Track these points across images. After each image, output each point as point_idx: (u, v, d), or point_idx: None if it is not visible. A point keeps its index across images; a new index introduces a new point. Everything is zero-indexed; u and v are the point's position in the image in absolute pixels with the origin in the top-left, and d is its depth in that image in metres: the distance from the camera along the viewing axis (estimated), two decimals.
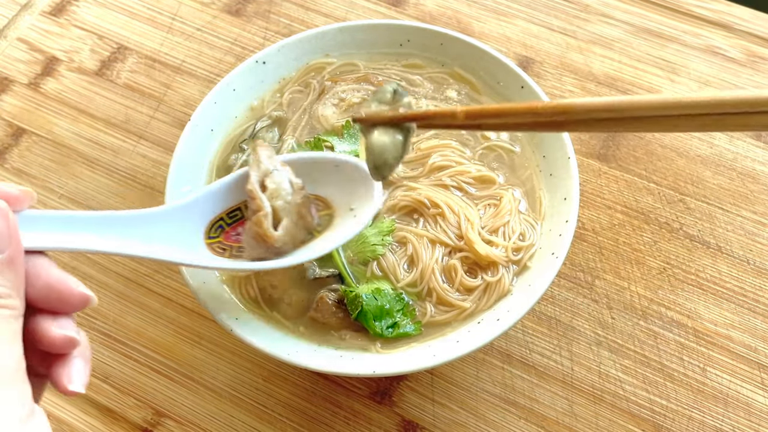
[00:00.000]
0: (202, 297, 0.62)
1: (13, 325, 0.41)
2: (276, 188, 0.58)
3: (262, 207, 0.57)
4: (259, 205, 0.57)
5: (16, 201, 0.45)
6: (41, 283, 0.44)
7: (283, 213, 0.58)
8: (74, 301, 0.45)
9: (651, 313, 0.71)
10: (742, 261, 0.73)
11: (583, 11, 0.91)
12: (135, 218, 0.53)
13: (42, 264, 0.45)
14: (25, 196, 0.46)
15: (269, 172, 0.59)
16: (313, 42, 0.77)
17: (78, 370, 0.45)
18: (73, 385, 0.44)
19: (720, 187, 0.78)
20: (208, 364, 0.71)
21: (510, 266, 0.66)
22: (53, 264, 0.45)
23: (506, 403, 0.68)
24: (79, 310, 0.45)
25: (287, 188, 0.59)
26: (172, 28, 0.92)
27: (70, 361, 0.45)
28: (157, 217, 0.55)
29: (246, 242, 0.58)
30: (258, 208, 0.57)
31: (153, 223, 0.54)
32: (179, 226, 0.57)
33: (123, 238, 0.52)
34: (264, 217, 0.57)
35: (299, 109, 0.75)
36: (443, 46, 0.76)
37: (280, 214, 0.58)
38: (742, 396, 0.67)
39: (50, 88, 0.88)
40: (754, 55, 0.86)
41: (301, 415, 0.68)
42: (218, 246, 0.58)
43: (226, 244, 0.59)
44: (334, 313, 0.64)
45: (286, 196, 0.58)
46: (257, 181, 0.58)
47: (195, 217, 0.58)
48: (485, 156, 0.72)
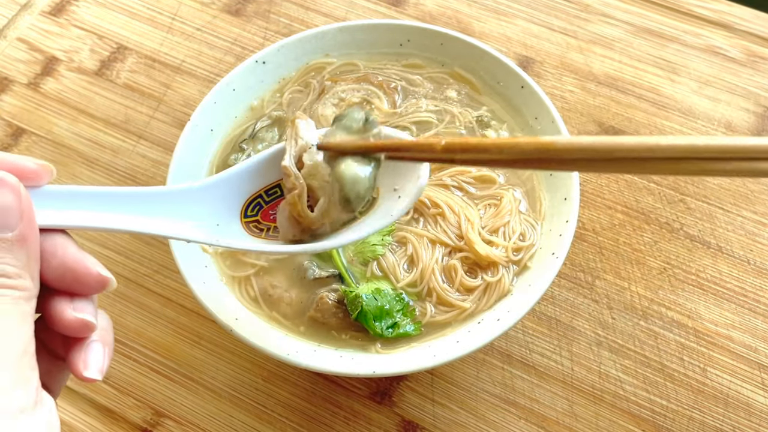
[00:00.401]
0: (201, 297, 0.62)
1: (23, 306, 0.39)
2: (314, 165, 0.52)
3: (297, 185, 0.52)
4: (294, 183, 0.52)
5: (34, 176, 0.43)
6: (56, 262, 0.42)
7: (320, 192, 0.53)
8: (91, 282, 0.42)
9: (651, 313, 0.71)
10: (743, 261, 0.73)
11: (583, 11, 0.91)
12: (165, 195, 0.50)
13: (59, 242, 0.42)
14: (43, 171, 0.43)
15: (307, 147, 0.53)
16: (313, 42, 0.77)
17: (95, 356, 0.43)
18: (89, 371, 0.42)
19: (720, 187, 0.78)
20: (208, 364, 0.71)
21: (510, 266, 0.66)
22: (71, 242, 0.43)
23: (506, 403, 0.67)
24: (97, 292, 0.43)
25: (326, 166, 0.53)
26: (172, 27, 0.92)
27: (88, 346, 0.43)
28: (190, 194, 0.51)
29: (280, 223, 0.54)
30: (293, 186, 0.52)
31: (185, 201, 0.51)
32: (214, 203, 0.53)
33: (152, 217, 0.48)
34: (298, 196, 0.52)
35: (299, 108, 0.75)
36: (443, 46, 0.76)
37: (318, 194, 0.53)
38: (743, 396, 0.67)
39: (50, 88, 0.88)
40: (754, 55, 0.86)
41: (300, 416, 0.68)
42: (255, 225, 0.54)
43: (264, 223, 0.55)
44: (334, 313, 0.64)
45: (324, 174, 0.53)
46: (293, 156, 0.53)
47: (230, 195, 0.54)
48: None
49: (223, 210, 0.53)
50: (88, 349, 0.43)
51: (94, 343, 0.43)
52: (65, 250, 0.42)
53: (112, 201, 0.47)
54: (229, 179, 0.54)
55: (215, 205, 0.53)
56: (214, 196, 0.53)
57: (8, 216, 0.39)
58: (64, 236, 0.43)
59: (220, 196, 0.53)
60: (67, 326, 0.42)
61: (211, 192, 0.53)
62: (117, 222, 0.46)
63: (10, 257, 0.39)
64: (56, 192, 0.44)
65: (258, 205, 0.55)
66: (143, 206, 0.48)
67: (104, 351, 0.43)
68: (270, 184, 0.56)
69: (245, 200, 0.55)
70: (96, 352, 0.43)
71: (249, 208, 0.55)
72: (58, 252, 0.42)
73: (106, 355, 0.44)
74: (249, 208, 0.55)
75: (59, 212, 0.44)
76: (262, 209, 0.55)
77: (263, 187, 0.55)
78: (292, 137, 0.54)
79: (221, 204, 0.53)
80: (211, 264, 0.67)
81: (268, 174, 0.55)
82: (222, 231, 0.52)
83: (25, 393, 0.37)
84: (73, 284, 0.42)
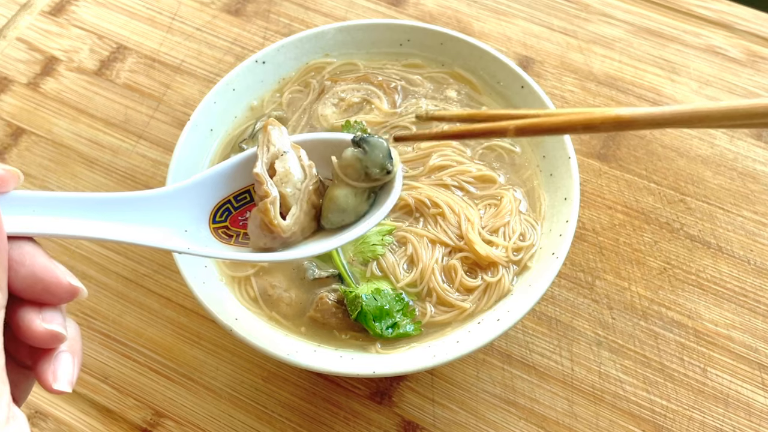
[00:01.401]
0: (201, 297, 0.61)
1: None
2: (285, 172, 0.53)
3: (269, 193, 0.52)
4: (266, 190, 0.52)
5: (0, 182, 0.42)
6: (25, 271, 0.40)
7: (292, 200, 0.53)
8: (61, 293, 0.41)
9: (651, 313, 0.71)
10: (743, 261, 0.73)
11: (583, 11, 0.90)
12: (133, 200, 0.49)
13: (27, 251, 0.41)
14: (10, 176, 0.42)
15: (279, 154, 0.53)
16: (313, 42, 0.77)
17: (64, 367, 0.41)
18: (58, 384, 0.41)
19: (720, 187, 0.78)
20: (208, 365, 0.71)
21: (510, 266, 0.66)
22: (40, 251, 0.42)
23: (506, 403, 0.67)
24: (66, 302, 0.42)
25: (298, 173, 0.53)
26: (172, 27, 0.92)
27: (57, 357, 0.41)
28: (158, 199, 0.51)
29: (251, 230, 0.53)
30: (265, 194, 0.52)
31: (153, 206, 0.50)
32: (182, 209, 0.52)
33: (119, 223, 0.47)
34: (271, 203, 0.52)
35: (299, 108, 0.75)
36: (443, 45, 0.76)
37: (289, 201, 0.53)
38: (743, 396, 0.67)
39: (49, 87, 0.88)
40: (754, 55, 0.86)
41: (300, 416, 0.68)
42: (224, 231, 0.54)
43: (232, 229, 0.54)
44: (333, 313, 0.64)
45: (296, 181, 0.53)
46: (264, 163, 0.53)
47: (200, 200, 0.53)
48: (485, 156, 0.72)
49: (192, 216, 0.53)
50: (57, 361, 0.41)
51: (63, 354, 0.42)
52: (34, 258, 0.41)
53: (80, 207, 0.46)
54: (197, 185, 0.53)
55: (184, 210, 0.52)
56: (183, 202, 0.52)
57: None
58: (33, 244, 0.42)
59: (188, 201, 0.53)
60: (36, 338, 0.41)
61: (179, 197, 0.52)
62: (84, 229, 0.45)
63: None
64: (23, 198, 0.43)
65: (227, 211, 0.55)
66: (112, 212, 0.48)
67: (73, 361, 0.42)
68: (239, 189, 0.55)
69: (214, 206, 0.54)
70: (65, 364, 0.42)
71: (218, 214, 0.54)
72: (26, 261, 0.41)
73: (76, 365, 0.42)
74: (218, 213, 0.54)
75: (26, 218, 0.43)
76: (230, 215, 0.55)
77: (232, 193, 0.55)
78: (264, 144, 0.54)
79: (190, 210, 0.53)
80: (210, 264, 0.67)
81: (237, 179, 0.55)
82: (191, 237, 0.52)
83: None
84: (43, 294, 0.41)
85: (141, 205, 0.50)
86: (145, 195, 0.50)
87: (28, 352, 0.43)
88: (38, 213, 0.44)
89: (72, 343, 0.43)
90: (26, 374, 0.44)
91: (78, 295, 0.42)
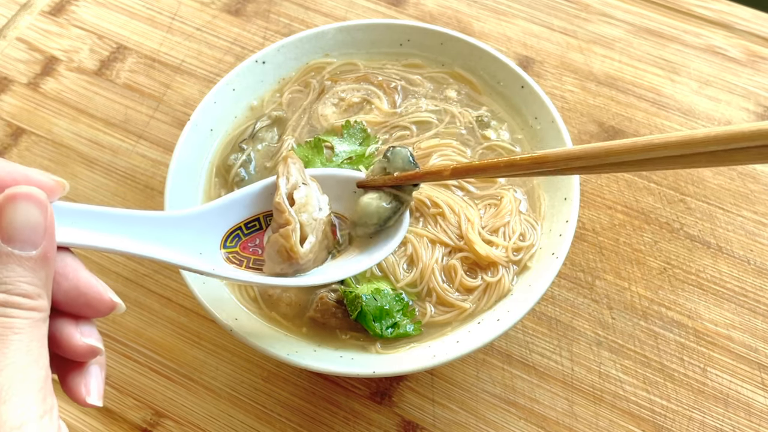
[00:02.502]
0: (201, 297, 0.61)
1: (42, 329, 0.38)
2: (304, 203, 0.56)
3: (291, 221, 0.55)
4: (288, 219, 0.55)
5: (49, 191, 0.42)
6: (68, 284, 0.41)
7: (308, 229, 0.56)
8: (102, 308, 0.42)
9: (651, 313, 0.71)
10: (743, 261, 0.73)
11: (583, 11, 0.90)
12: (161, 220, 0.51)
13: (69, 263, 0.41)
14: (57, 187, 0.42)
15: (298, 185, 0.57)
16: (313, 42, 0.76)
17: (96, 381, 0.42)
18: (91, 398, 0.41)
19: (720, 187, 0.78)
20: (208, 365, 0.71)
21: (510, 266, 0.66)
22: (81, 264, 0.42)
23: (506, 403, 0.67)
24: (104, 315, 0.42)
25: (315, 204, 0.57)
26: (172, 27, 0.92)
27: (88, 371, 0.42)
28: (182, 220, 0.53)
29: (269, 255, 0.56)
30: (286, 222, 0.55)
31: (178, 227, 0.52)
32: (199, 232, 0.54)
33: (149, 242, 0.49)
34: (293, 231, 0.54)
35: (299, 108, 0.75)
36: (443, 45, 0.76)
37: (306, 230, 0.56)
38: (743, 396, 0.67)
39: (49, 87, 0.88)
40: (754, 54, 0.86)
41: (300, 416, 0.68)
42: (234, 257, 0.57)
43: (242, 255, 0.57)
44: (333, 313, 0.64)
45: (313, 212, 0.57)
46: (285, 193, 0.56)
47: (214, 225, 0.56)
48: (486, 156, 0.72)
49: (206, 239, 0.55)
50: (89, 374, 0.42)
51: (93, 367, 0.42)
52: (77, 272, 0.41)
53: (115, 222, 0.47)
54: (213, 210, 0.56)
55: (201, 234, 0.55)
56: (201, 225, 0.55)
57: (35, 233, 0.38)
58: (73, 257, 0.42)
59: (205, 225, 0.55)
60: (76, 351, 0.41)
61: (198, 220, 0.55)
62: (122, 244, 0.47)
63: (31, 276, 0.38)
64: (67, 209, 0.44)
65: (237, 237, 0.57)
66: (145, 229, 0.49)
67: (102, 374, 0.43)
68: (250, 217, 0.58)
69: (226, 231, 0.57)
70: (96, 377, 0.42)
71: (228, 240, 0.57)
72: (69, 274, 0.41)
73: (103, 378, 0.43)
74: (228, 239, 0.57)
75: (71, 230, 0.43)
76: (240, 241, 0.57)
77: (243, 220, 0.58)
78: (284, 175, 0.57)
79: (205, 233, 0.55)
80: None
81: (249, 207, 0.58)
82: (206, 260, 0.54)
83: (50, 421, 0.37)
84: (84, 308, 0.41)
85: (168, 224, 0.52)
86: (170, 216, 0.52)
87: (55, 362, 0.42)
88: (78, 225, 0.44)
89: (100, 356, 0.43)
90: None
91: (116, 310, 0.43)
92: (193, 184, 0.71)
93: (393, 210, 0.59)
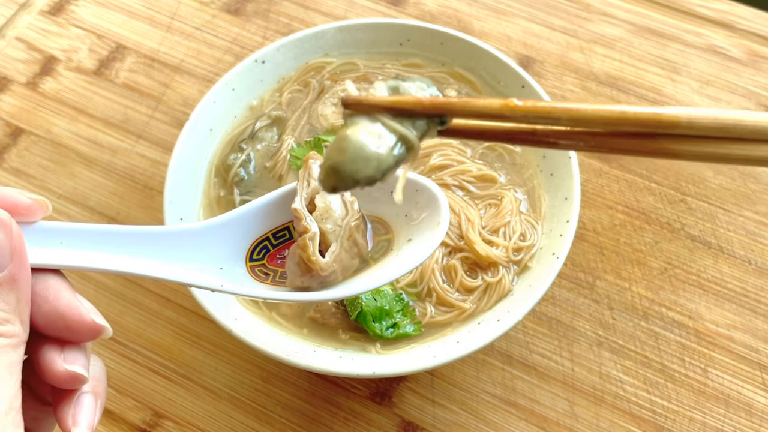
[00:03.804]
0: (201, 297, 0.61)
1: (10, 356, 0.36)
2: (326, 208, 0.51)
3: (309, 228, 0.49)
4: (305, 226, 0.49)
5: (27, 211, 0.40)
6: (48, 307, 0.39)
7: (332, 237, 0.50)
8: (83, 331, 0.39)
9: (652, 313, 0.71)
10: (744, 261, 0.73)
11: (584, 10, 0.90)
12: (166, 235, 0.47)
13: (52, 284, 0.39)
14: (37, 206, 0.40)
15: (320, 189, 0.50)
16: (313, 41, 0.76)
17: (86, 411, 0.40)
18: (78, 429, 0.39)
19: (721, 187, 0.77)
20: (207, 365, 0.71)
21: (510, 266, 0.66)
22: (65, 285, 0.40)
23: (507, 404, 0.67)
24: (89, 340, 0.40)
25: (339, 209, 0.51)
26: (171, 27, 0.92)
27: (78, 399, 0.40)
28: (192, 235, 0.48)
29: (289, 268, 0.50)
30: (304, 229, 0.49)
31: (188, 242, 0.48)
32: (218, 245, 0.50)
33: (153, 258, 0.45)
34: (310, 239, 0.49)
35: (299, 108, 0.75)
36: (443, 45, 0.76)
37: (329, 238, 0.50)
38: (744, 397, 0.67)
39: (49, 87, 0.88)
40: (755, 54, 0.86)
41: (300, 416, 0.68)
42: (261, 270, 0.52)
43: (270, 267, 0.52)
44: (333, 313, 0.64)
45: (337, 218, 0.51)
46: (304, 198, 0.51)
47: (236, 236, 0.51)
48: (486, 155, 0.72)
49: (228, 253, 0.50)
50: (78, 403, 0.40)
51: (85, 396, 0.40)
52: (58, 294, 0.39)
53: (109, 240, 0.44)
54: (234, 220, 0.51)
55: (220, 247, 0.50)
56: (219, 238, 0.50)
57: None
58: (59, 278, 0.40)
59: (224, 238, 0.50)
60: (57, 378, 0.39)
61: (215, 233, 0.50)
62: (114, 263, 0.43)
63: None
64: (50, 229, 0.41)
65: (265, 248, 0.52)
66: (143, 247, 0.46)
67: (96, 404, 0.40)
68: (278, 226, 0.53)
69: (251, 243, 0.52)
70: (87, 407, 0.40)
71: (255, 252, 0.52)
72: (50, 296, 0.39)
73: (98, 408, 0.41)
74: (255, 251, 0.52)
75: (53, 250, 0.41)
76: (269, 253, 0.52)
77: (271, 230, 0.52)
78: (304, 178, 0.52)
79: (226, 247, 0.50)
80: None
81: (276, 215, 0.52)
82: (226, 275, 0.49)
83: None
84: (65, 332, 0.39)
85: (174, 239, 0.47)
86: (178, 229, 0.48)
87: (50, 389, 0.41)
88: (66, 245, 0.42)
89: (95, 383, 0.41)
90: (48, 411, 0.43)
91: (102, 334, 0.40)
92: (193, 184, 0.70)
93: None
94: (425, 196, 0.52)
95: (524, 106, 0.38)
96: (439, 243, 0.50)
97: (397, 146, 0.39)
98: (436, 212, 0.52)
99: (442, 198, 0.52)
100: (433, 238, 0.51)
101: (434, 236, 0.51)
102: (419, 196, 0.53)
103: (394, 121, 0.39)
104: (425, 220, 0.53)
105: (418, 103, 0.39)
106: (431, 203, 0.52)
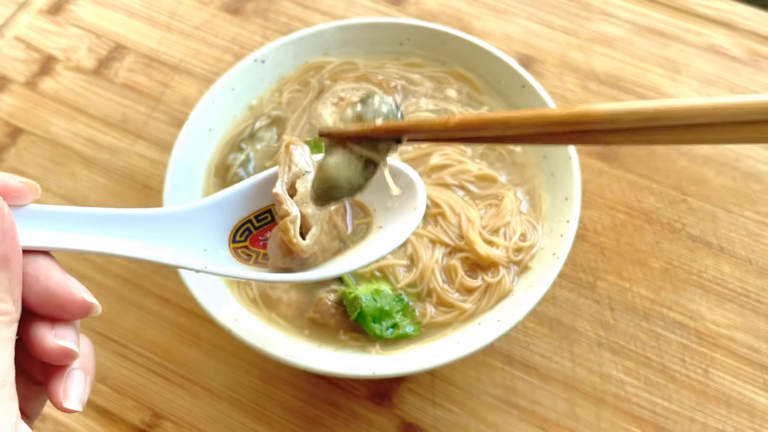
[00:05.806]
0: (200, 298, 0.61)
1: (3, 332, 0.37)
2: (306, 192, 0.52)
3: (290, 212, 0.51)
4: (286, 210, 0.51)
5: (17, 194, 0.41)
6: (39, 286, 0.40)
7: (312, 220, 0.52)
8: (74, 309, 0.41)
9: (653, 314, 0.71)
10: (745, 261, 0.73)
11: (584, 9, 0.90)
12: (152, 217, 0.49)
13: (42, 265, 0.41)
14: (28, 189, 0.42)
15: (301, 174, 0.52)
16: (312, 40, 0.76)
17: (76, 385, 0.41)
18: (69, 402, 0.41)
19: (723, 187, 0.77)
20: (207, 366, 0.70)
21: (511, 267, 0.65)
22: (55, 265, 0.42)
23: (507, 404, 0.67)
24: (80, 318, 0.42)
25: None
26: (171, 26, 0.92)
27: (69, 375, 0.41)
28: (177, 217, 0.50)
29: (271, 250, 0.52)
30: (285, 213, 0.51)
31: (173, 224, 0.50)
32: (201, 227, 0.51)
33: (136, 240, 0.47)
34: (291, 222, 0.50)
35: (298, 108, 0.75)
36: (443, 44, 0.75)
37: (310, 221, 0.52)
38: (745, 398, 0.66)
39: (47, 87, 0.88)
40: (757, 54, 0.86)
41: (300, 417, 0.68)
42: (243, 251, 0.53)
43: (252, 249, 0.53)
44: (333, 314, 0.64)
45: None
46: (285, 183, 0.52)
47: (220, 219, 0.52)
48: (486, 155, 0.72)
49: (211, 235, 0.52)
50: (69, 378, 0.41)
51: (75, 372, 0.42)
52: (48, 273, 0.41)
53: (97, 222, 0.46)
54: (218, 203, 0.53)
55: (203, 229, 0.52)
56: (203, 221, 0.52)
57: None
58: (48, 259, 0.42)
59: (208, 220, 0.52)
60: (48, 354, 0.40)
61: (199, 216, 0.52)
62: (101, 245, 0.45)
63: None
64: (40, 212, 0.43)
65: (247, 230, 0.54)
66: (130, 229, 0.47)
67: (85, 379, 0.42)
68: (260, 209, 0.54)
69: (234, 225, 0.53)
70: (77, 382, 0.41)
71: (238, 234, 0.54)
72: (41, 276, 0.41)
73: (88, 383, 0.42)
74: (238, 233, 0.54)
75: (43, 233, 0.43)
76: (251, 235, 0.54)
77: (253, 213, 0.54)
78: (285, 163, 0.53)
79: (209, 229, 0.52)
80: None
81: (258, 199, 0.54)
82: (209, 256, 0.51)
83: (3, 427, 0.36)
84: (56, 310, 0.41)
85: (160, 222, 0.49)
86: (164, 212, 0.50)
87: (40, 368, 0.42)
88: (56, 227, 0.43)
89: (84, 360, 0.42)
90: (39, 390, 0.44)
91: (92, 312, 0.42)
92: (192, 184, 0.70)
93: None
94: (402, 182, 0.54)
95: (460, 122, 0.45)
96: (414, 227, 0.53)
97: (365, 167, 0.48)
98: (413, 197, 0.53)
99: (419, 183, 0.54)
100: (409, 222, 0.53)
101: (410, 221, 0.53)
102: (397, 180, 0.54)
103: (360, 146, 0.47)
104: (402, 205, 0.54)
105: (375, 129, 0.47)
106: (408, 188, 0.54)
